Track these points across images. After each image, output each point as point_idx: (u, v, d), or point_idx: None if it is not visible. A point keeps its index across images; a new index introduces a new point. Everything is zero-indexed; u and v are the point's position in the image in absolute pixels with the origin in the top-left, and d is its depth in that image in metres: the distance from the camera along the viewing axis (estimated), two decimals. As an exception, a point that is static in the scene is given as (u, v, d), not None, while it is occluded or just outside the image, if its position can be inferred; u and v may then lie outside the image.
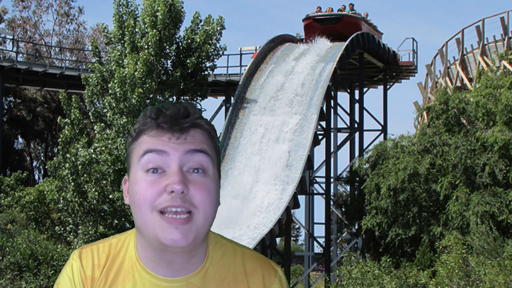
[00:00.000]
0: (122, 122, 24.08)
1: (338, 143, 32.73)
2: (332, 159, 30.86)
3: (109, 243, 1.89)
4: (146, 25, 25.66)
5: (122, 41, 25.99)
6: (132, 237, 1.87)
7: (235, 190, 23.86)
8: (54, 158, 26.16)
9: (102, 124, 24.65)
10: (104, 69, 25.74)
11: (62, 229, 23.85)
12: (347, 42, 28.64)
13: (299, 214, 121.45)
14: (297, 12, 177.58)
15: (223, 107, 31.99)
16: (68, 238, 23.46)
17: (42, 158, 46.63)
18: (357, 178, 24.32)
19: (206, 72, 27.24)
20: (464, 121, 21.05)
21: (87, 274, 1.85)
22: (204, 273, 1.82)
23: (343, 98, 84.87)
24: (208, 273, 1.82)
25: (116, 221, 22.85)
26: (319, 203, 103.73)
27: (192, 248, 1.76)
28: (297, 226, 53.24)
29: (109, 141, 23.71)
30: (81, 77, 26.75)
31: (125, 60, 25.29)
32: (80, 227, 22.95)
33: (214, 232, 1.89)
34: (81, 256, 1.87)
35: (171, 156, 1.74)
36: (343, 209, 27.36)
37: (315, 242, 32.96)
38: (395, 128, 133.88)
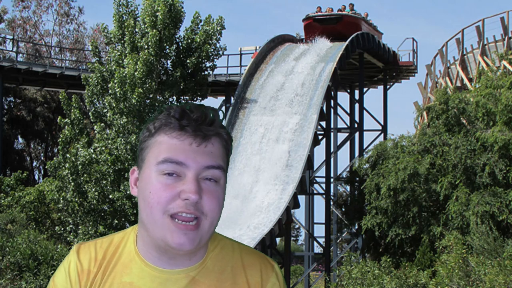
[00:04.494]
0: (122, 122, 24.08)
1: (338, 143, 32.73)
2: (332, 159, 30.86)
3: (110, 239, 1.92)
4: (146, 25, 25.65)
5: (122, 41, 25.98)
6: (132, 233, 1.91)
7: (235, 190, 23.85)
8: (54, 158, 26.17)
9: (102, 124, 24.64)
10: (104, 69, 25.73)
11: (62, 229, 23.86)
12: (347, 42, 28.64)
13: (299, 214, 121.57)
14: (297, 12, 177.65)
15: (223, 107, 31.98)
16: (68, 238, 23.47)
17: (42, 158, 46.64)
18: (357, 178, 24.31)
19: (206, 72, 27.23)
20: (464, 121, 21.04)
21: (84, 268, 1.87)
22: (203, 266, 1.86)
23: (343, 98, 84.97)
24: (207, 267, 1.87)
25: (116, 221, 22.86)
26: (319, 203, 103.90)
27: (196, 250, 1.82)
28: (297, 226, 53.24)
29: (109, 141, 23.70)
30: (81, 77, 26.74)
31: (125, 60, 25.28)
32: (80, 227, 22.96)
33: None
34: (79, 250, 1.90)
35: (190, 168, 1.76)
36: (343, 209, 27.36)
37: (315, 242, 32.97)
38: (395, 128, 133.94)
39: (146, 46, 25.30)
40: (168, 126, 1.79)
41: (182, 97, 26.50)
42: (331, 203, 29.72)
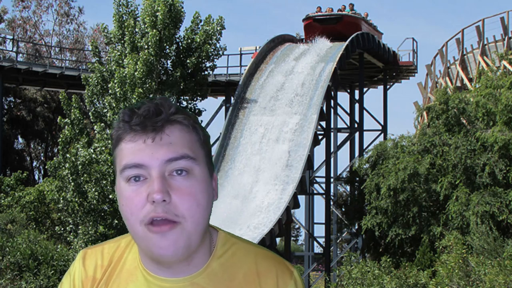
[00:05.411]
0: (122, 122, 24.07)
1: (338, 143, 32.74)
2: (332, 159, 30.86)
3: (117, 244, 1.84)
4: (146, 25, 25.66)
5: (122, 41, 25.98)
6: None
7: (235, 190, 23.86)
8: (54, 158, 26.17)
9: (102, 124, 24.65)
10: (104, 69, 25.74)
11: (62, 229, 23.87)
12: (347, 42, 28.64)
13: (299, 214, 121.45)
14: (297, 12, 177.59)
15: (223, 107, 31.99)
16: (68, 238, 23.47)
17: (42, 158, 46.64)
18: (357, 178, 24.32)
19: (206, 72, 27.23)
20: (464, 121, 21.05)
21: (89, 274, 1.81)
22: (209, 272, 1.74)
23: (343, 98, 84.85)
24: (215, 273, 1.74)
25: (116, 221, 22.86)
26: (319, 203, 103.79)
27: (187, 255, 1.69)
28: (297, 226, 53.24)
29: (109, 141, 23.71)
30: (81, 77, 26.76)
31: (125, 60, 25.28)
32: (80, 227, 22.95)
33: (224, 231, 1.81)
34: (85, 256, 1.84)
35: (151, 167, 1.64)
36: (343, 209, 27.37)
37: (315, 242, 32.98)
38: (395, 128, 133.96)
39: (146, 46, 25.30)
40: (121, 131, 1.69)
41: (182, 97, 26.52)
42: (331, 203, 29.72)
